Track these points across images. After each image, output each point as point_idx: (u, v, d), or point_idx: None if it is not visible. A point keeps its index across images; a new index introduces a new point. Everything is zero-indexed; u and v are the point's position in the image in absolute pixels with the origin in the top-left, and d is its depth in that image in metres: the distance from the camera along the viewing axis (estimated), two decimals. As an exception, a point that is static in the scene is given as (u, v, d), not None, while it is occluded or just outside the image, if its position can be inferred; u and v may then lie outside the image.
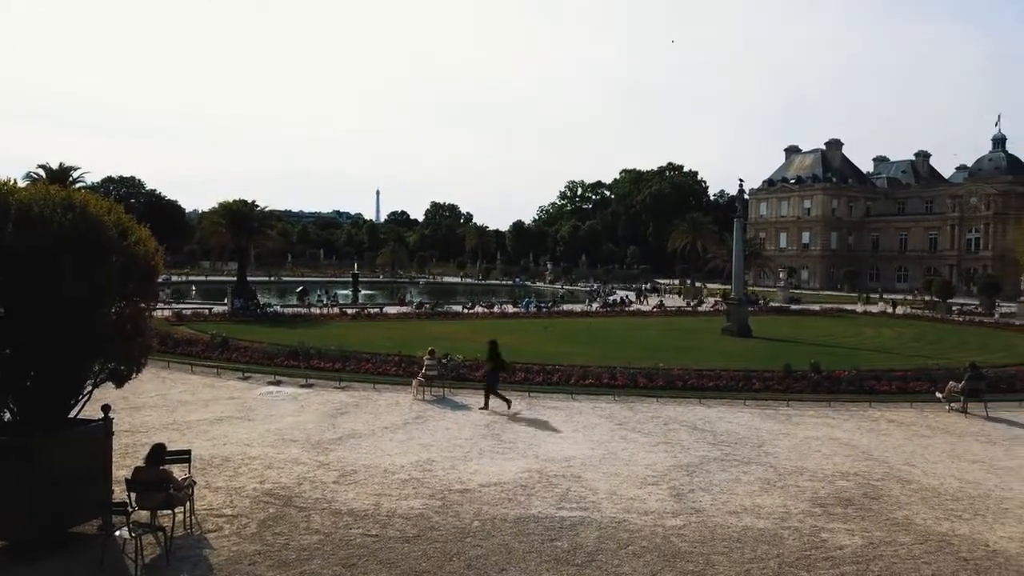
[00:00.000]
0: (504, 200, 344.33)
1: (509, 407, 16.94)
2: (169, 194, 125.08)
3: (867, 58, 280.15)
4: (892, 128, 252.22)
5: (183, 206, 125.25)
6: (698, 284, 75.87)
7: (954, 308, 53.87)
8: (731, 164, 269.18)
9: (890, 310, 53.36)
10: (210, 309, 40.18)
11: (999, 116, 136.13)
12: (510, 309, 47.82)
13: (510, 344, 28.13)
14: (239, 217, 44.02)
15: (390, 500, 10.46)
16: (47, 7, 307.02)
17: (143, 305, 9.76)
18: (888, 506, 10.67)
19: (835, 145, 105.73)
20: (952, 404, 18.22)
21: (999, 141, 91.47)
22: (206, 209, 58.04)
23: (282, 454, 12.83)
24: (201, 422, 15.22)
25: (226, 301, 42.41)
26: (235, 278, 48.07)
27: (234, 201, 45.39)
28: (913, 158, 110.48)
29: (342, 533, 9.16)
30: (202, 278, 76.41)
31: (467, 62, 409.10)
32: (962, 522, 10.05)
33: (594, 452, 13.42)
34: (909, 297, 65.63)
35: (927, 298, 58.51)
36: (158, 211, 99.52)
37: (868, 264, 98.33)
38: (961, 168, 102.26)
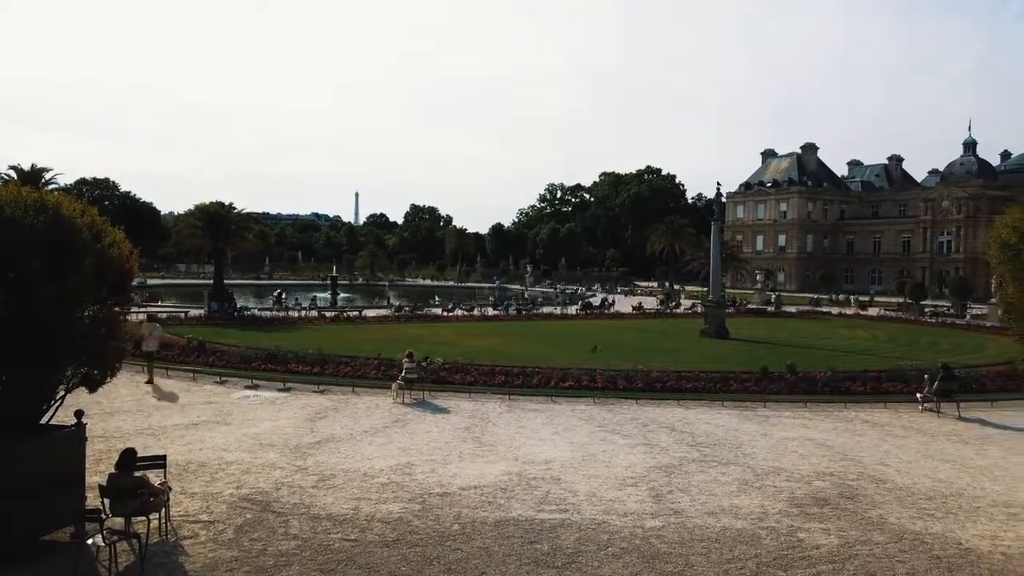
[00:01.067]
0: (484, 203, 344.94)
1: None
2: (144, 196, 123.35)
3: (844, 64, 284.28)
4: (866, 132, 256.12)
5: (158, 208, 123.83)
6: (676, 286, 76.37)
7: (927, 310, 54.76)
8: (709, 167, 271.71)
9: (861, 311, 54.09)
10: (186, 312, 39.67)
11: (970, 121, 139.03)
12: (490, 312, 47.83)
13: (491, 347, 28.23)
14: (216, 219, 43.53)
15: (369, 504, 10.40)
16: (17, 5, 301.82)
17: (117, 308, 9.63)
18: (863, 505, 10.82)
19: (810, 149, 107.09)
20: (925, 404, 18.52)
21: (970, 145, 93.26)
22: (182, 211, 57.47)
23: (259, 459, 12.71)
24: (177, 427, 15.03)
25: (203, 304, 41.97)
26: (212, 281, 47.56)
27: (211, 203, 44.91)
28: (886, 162, 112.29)
29: (321, 538, 9.09)
30: (178, 281, 75.48)
31: (447, 64, 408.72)
32: (935, 521, 10.21)
33: (574, 454, 13.46)
34: (882, 299, 66.62)
35: (901, 300, 59.38)
36: (133, 213, 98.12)
37: (843, 266, 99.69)
38: (933, 172, 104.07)
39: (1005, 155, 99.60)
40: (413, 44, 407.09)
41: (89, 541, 8.23)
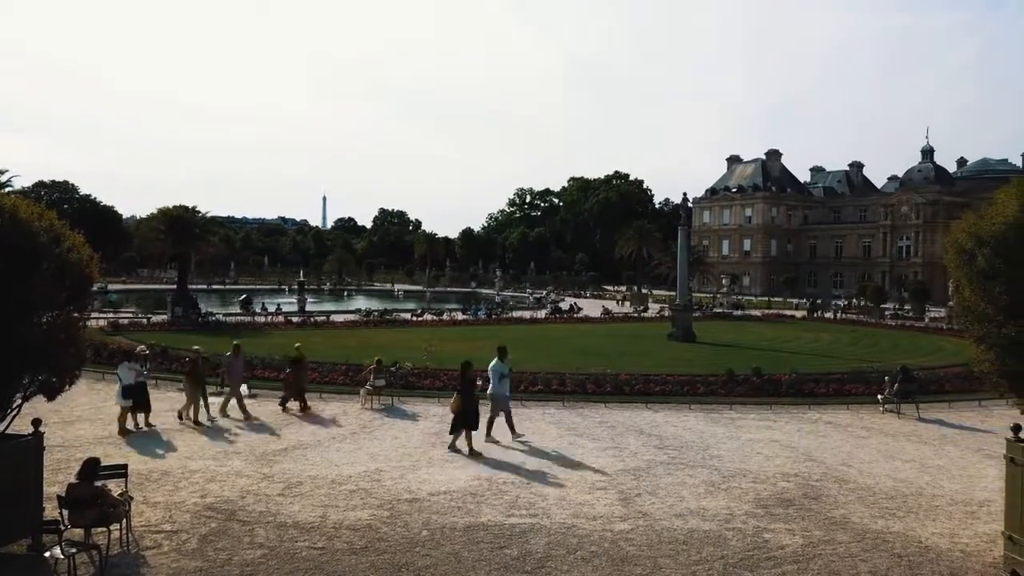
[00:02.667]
0: (453, 207, 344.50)
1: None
2: (105, 200, 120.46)
3: (809, 72, 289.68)
4: (829, 138, 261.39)
5: (120, 212, 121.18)
6: (644, 290, 77.04)
7: (887, 313, 56.02)
8: (676, 172, 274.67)
9: (818, 314, 55.03)
10: (148, 318, 38.92)
11: (927, 129, 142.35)
12: (459, 316, 47.71)
13: (460, 352, 28.10)
14: (179, 223, 42.79)
15: (337, 512, 10.30)
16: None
17: (77, 314, 9.40)
18: (827, 506, 11.01)
19: (774, 155, 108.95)
20: (886, 406, 18.93)
21: (928, 152, 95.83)
22: (145, 215, 56.25)
23: (224, 467, 12.50)
24: (138, 435, 14.71)
25: (166, 310, 41.23)
26: (175, 286, 46.73)
27: (174, 207, 44.13)
28: (847, 168, 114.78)
29: (287, 547, 8.97)
30: (141, 286, 73.96)
31: (417, 68, 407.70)
32: (896, 520, 10.43)
33: (544, 458, 13.47)
34: (842, 303, 67.93)
35: (862, 303, 60.65)
36: (93, 217, 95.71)
37: (806, 271, 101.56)
38: (893, 178, 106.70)
39: (961, 162, 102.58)
40: (384, 47, 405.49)
41: (47, 553, 8.02)
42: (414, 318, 45.34)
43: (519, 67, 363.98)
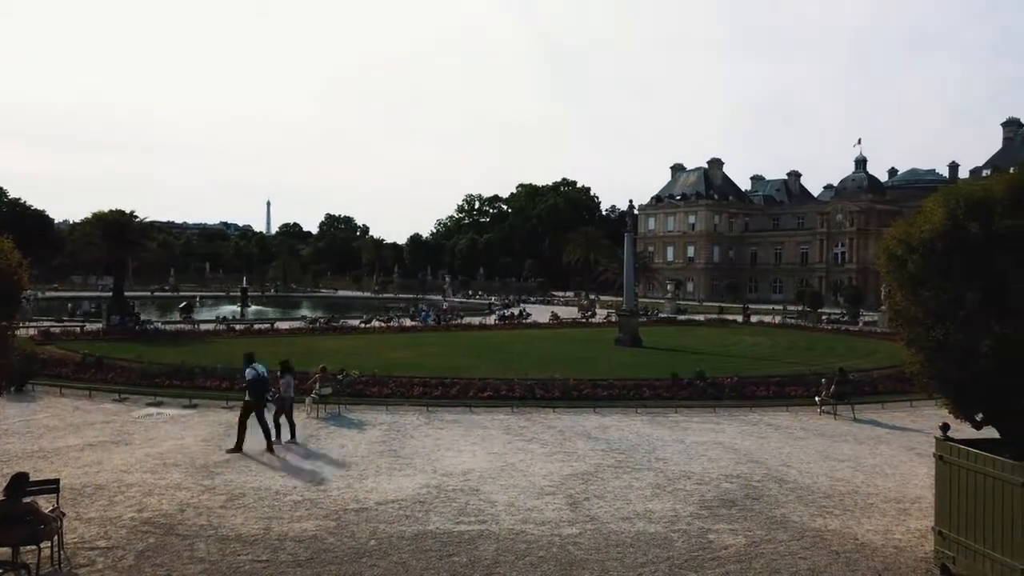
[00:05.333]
0: (401, 213, 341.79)
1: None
2: (35, 203, 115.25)
3: (750, 84, 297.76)
4: (768, 148, 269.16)
5: (52, 216, 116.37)
6: (592, 296, 77.83)
7: (823, 317, 57.84)
8: (621, 180, 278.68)
9: (752, 319, 56.47)
10: (82, 327, 37.46)
11: (859, 139, 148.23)
12: (408, 323, 47.37)
13: (409, 359, 27.92)
14: (115, 228, 41.30)
15: (281, 523, 10.08)
16: None
17: (4, 323, 8.99)
18: (768, 505, 11.30)
19: (716, 164, 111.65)
20: (824, 407, 19.54)
21: (861, 162, 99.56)
22: (78, 220, 54.01)
23: (163, 480, 12.10)
24: (71, 448, 14.13)
25: (99, 317, 39.80)
26: (111, 293, 45.14)
27: (110, 211, 42.56)
28: (786, 177, 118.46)
29: (229, 560, 8.73)
30: (74, 293, 71.11)
31: (361, 69, 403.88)
32: (833, 518, 10.77)
33: (492, 464, 13.47)
34: (779, 307, 69.97)
35: (799, 308, 62.46)
36: (22, 221, 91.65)
37: (747, 276, 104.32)
38: (828, 187, 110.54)
39: (892, 172, 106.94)
40: (328, 48, 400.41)
41: (-30, 575, 7.63)
42: (361, 325, 44.82)
43: (467, 75, 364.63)
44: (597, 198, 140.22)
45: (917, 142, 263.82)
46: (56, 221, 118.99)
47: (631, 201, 44.38)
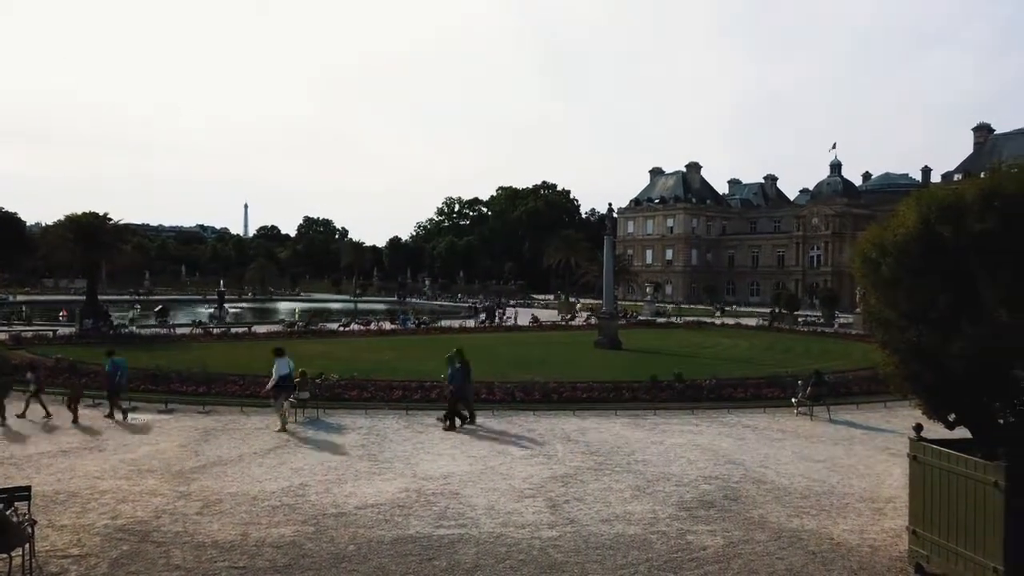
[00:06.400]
0: (381, 216, 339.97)
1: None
2: (7, 206, 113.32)
3: (727, 89, 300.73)
4: (745, 152, 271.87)
5: (23, 219, 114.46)
6: (572, 299, 78.07)
7: (799, 320, 58.51)
8: (600, 183, 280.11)
9: (730, 321, 57.08)
10: (55, 331, 36.87)
11: (834, 144, 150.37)
12: (387, 326, 47.17)
13: (389, 362, 27.79)
14: (89, 231, 40.70)
15: (259, 529, 9.98)
16: None
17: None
18: (746, 506, 11.39)
19: (695, 168, 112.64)
20: (800, 409, 19.75)
21: (836, 167, 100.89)
22: (51, 222, 53.13)
23: (138, 486, 11.93)
24: (43, 455, 13.89)
25: (72, 321, 39.20)
26: (84, 297, 44.48)
27: (83, 214, 41.93)
28: (763, 181, 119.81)
29: (206, 567, 8.63)
30: (46, 297, 69.97)
31: (349, 69, 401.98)
32: (810, 518, 10.89)
33: (472, 468, 13.45)
34: (756, 309, 70.64)
35: (773, 310, 63.10)
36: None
37: (725, 279, 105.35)
38: (804, 191, 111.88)
39: (866, 176, 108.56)
40: (315, 49, 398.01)
41: (-62, 585, 7.46)
42: (341, 328, 44.54)
43: (447, 76, 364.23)
44: (577, 201, 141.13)
45: (891, 146, 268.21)
46: (29, 223, 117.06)
47: (611, 204, 44.34)
